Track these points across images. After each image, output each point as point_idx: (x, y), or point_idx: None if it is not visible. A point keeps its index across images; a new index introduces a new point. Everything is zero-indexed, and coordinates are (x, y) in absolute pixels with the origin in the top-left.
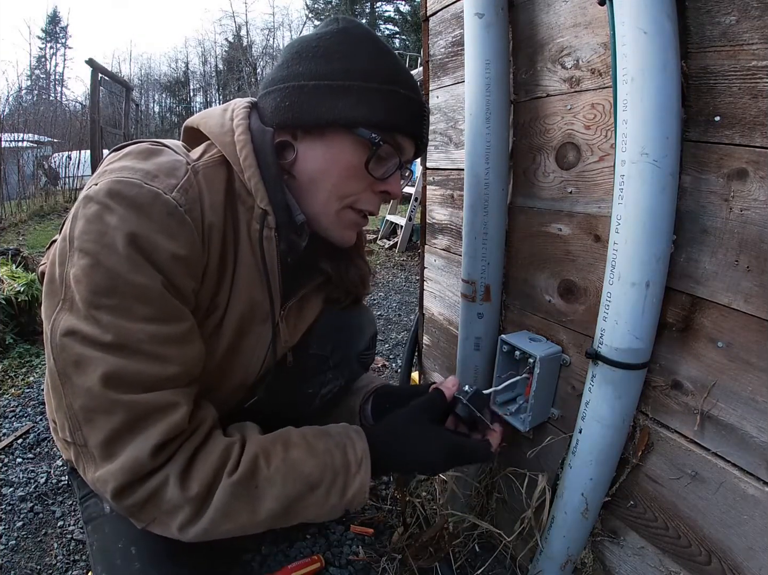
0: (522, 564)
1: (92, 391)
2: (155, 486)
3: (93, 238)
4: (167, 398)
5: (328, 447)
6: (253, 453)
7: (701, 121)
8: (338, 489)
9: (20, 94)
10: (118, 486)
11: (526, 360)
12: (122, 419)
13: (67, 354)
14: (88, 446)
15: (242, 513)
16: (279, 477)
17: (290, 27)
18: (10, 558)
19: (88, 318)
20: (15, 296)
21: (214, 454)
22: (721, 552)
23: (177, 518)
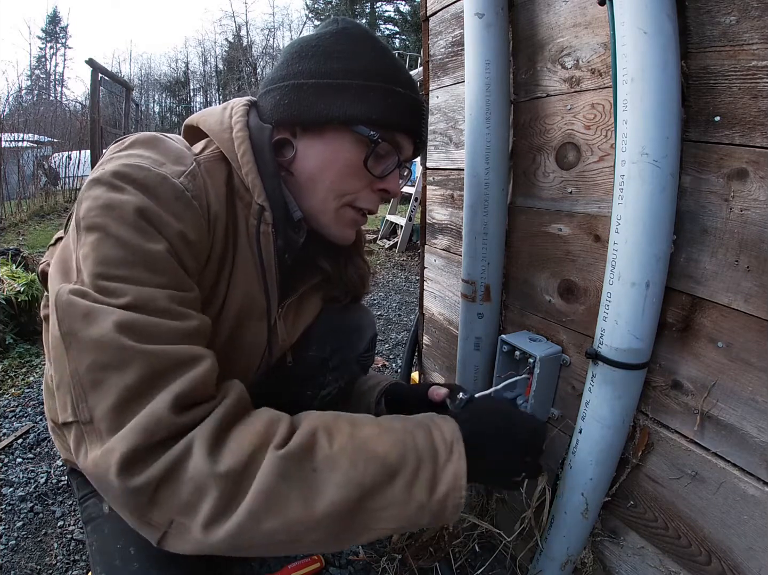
0: (522, 564)
1: (103, 341)
2: (176, 455)
3: (100, 212)
4: (190, 351)
5: (407, 427)
6: (312, 426)
7: (701, 121)
8: (425, 481)
9: (20, 94)
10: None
11: (526, 360)
12: (138, 373)
13: (75, 309)
14: (93, 419)
15: (293, 504)
16: (345, 457)
17: (290, 27)
18: (10, 558)
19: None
20: (15, 296)
21: (255, 424)
22: (721, 552)
23: (202, 508)
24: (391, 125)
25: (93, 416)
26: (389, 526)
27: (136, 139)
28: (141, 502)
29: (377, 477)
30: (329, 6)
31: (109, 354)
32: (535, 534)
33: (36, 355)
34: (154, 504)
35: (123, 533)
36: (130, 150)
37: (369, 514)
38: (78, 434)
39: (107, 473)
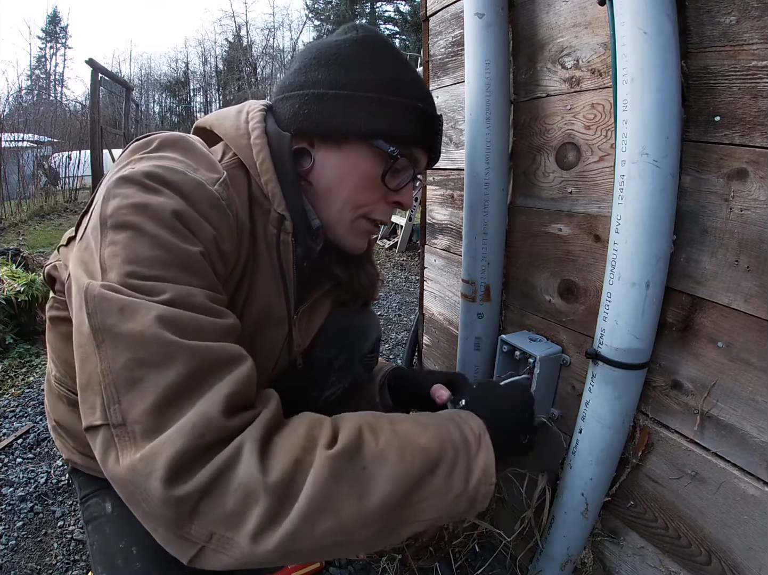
0: (522, 564)
1: (144, 336)
2: (227, 457)
3: (133, 211)
4: (232, 350)
5: (439, 422)
6: (356, 424)
7: (701, 121)
8: (461, 471)
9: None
10: (177, 455)
11: (526, 360)
12: (184, 371)
13: (109, 303)
14: (126, 421)
15: (347, 502)
16: (392, 452)
17: (290, 27)
18: (10, 558)
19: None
20: (15, 296)
21: (298, 427)
22: (721, 552)
23: (250, 517)
24: (410, 141)
25: (126, 418)
26: (430, 517)
27: (164, 140)
28: (182, 513)
29: (422, 469)
30: (329, 6)
31: (150, 350)
32: (535, 534)
33: (36, 355)
34: (195, 515)
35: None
36: (161, 152)
37: (414, 506)
38: (107, 438)
39: (148, 479)
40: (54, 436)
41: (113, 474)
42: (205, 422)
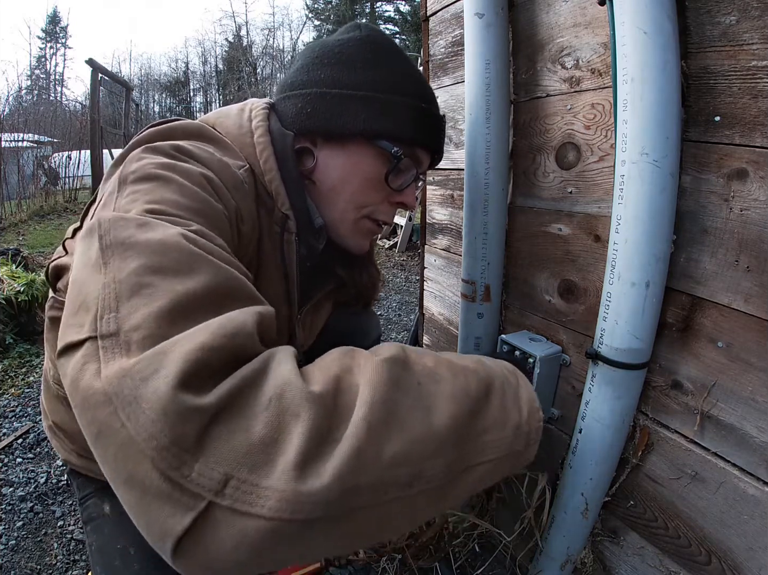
0: (522, 564)
1: (165, 243)
2: (254, 370)
3: (161, 166)
4: (255, 291)
5: (474, 357)
6: (396, 345)
7: (701, 121)
8: (512, 399)
9: (20, 94)
10: (198, 350)
11: (526, 360)
12: (206, 282)
13: (127, 221)
14: (120, 330)
15: (413, 415)
16: (443, 369)
17: (290, 27)
18: (10, 558)
19: (149, 224)
20: (15, 296)
21: (332, 354)
22: (721, 552)
23: (289, 443)
24: (413, 141)
25: (122, 325)
26: (494, 455)
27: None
28: (186, 436)
29: (478, 388)
30: (329, 6)
31: (170, 258)
32: (535, 534)
33: (36, 355)
34: (204, 444)
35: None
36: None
37: (478, 439)
38: (88, 352)
39: (148, 381)
40: (50, 436)
41: (86, 394)
42: (237, 324)
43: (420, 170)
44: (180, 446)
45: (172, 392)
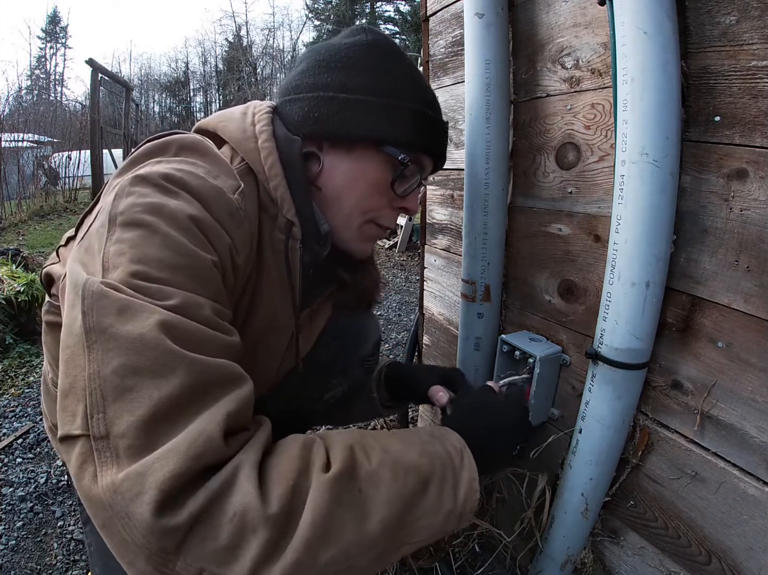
0: (522, 564)
1: (144, 340)
2: (221, 484)
3: (147, 209)
4: (234, 369)
5: (422, 439)
6: (347, 444)
7: (701, 121)
8: (450, 487)
9: (20, 94)
10: (172, 478)
11: (526, 360)
12: (183, 383)
13: (108, 301)
14: (110, 434)
15: (348, 527)
16: (386, 471)
17: (290, 27)
18: (10, 558)
19: (135, 288)
20: (15, 296)
21: (291, 450)
22: (721, 552)
23: (247, 552)
24: (419, 148)
25: (110, 430)
26: (423, 537)
27: (181, 145)
28: (168, 546)
29: (415, 487)
30: (329, 6)
31: (147, 357)
32: (535, 534)
33: (36, 355)
34: (184, 549)
35: None
36: (181, 156)
37: (409, 527)
38: (84, 451)
39: (133, 503)
40: (51, 437)
41: (89, 494)
42: (204, 441)
43: (423, 176)
44: (165, 552)
45: (153, 518)
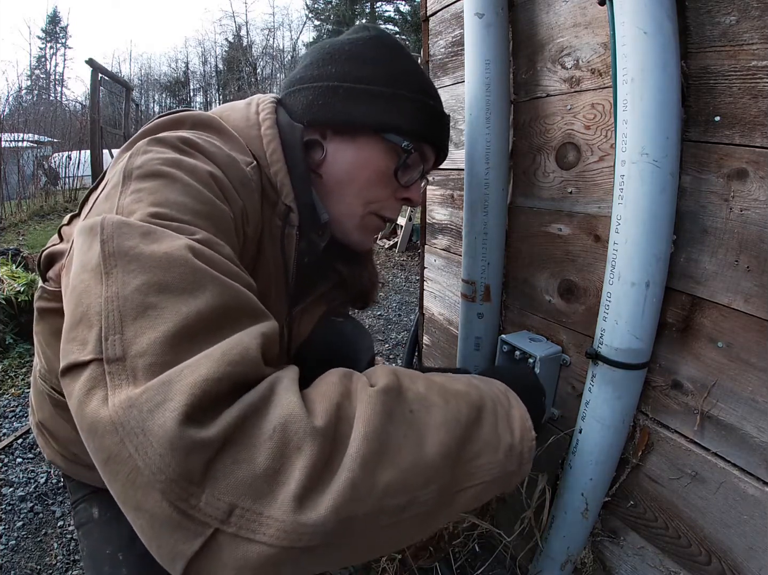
0: (522, 564)
1: (171, 257)
2: (259, 397)
3: (167, 162)
4: (261, 306)
5: (465, 379)
6: (390, 370)
7: (701, 121)
8: (503, 421)
9: (20, 94)
10: (203, 381)
11: (526, 360)
12: (212, 302)
13: (131, 228)
14: (127, 355)
15: (405, 446)
16: (435, 395)
17: (290, 27)
18: (10, 558)
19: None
20: (15, 296)
21: (332, 377)
22: (721, 552)
23: (291, 475)
24: (421, 137)
25: (128, 350)
26: (484, 478)
27: (196, 120)
28: (193, 470)
29: (469, 414)
30: (329, 6)
31: (175, 274)
32: (535, 534)
33: None
34: (210, 476)
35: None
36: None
37: (469, 463)
38: (95, 376)
39: (155, 413)
40: (36, 433)
41: (93, 418)
42: (240, 351)
43: (426, 167)
44: (188, 479)
45: (179, 428)
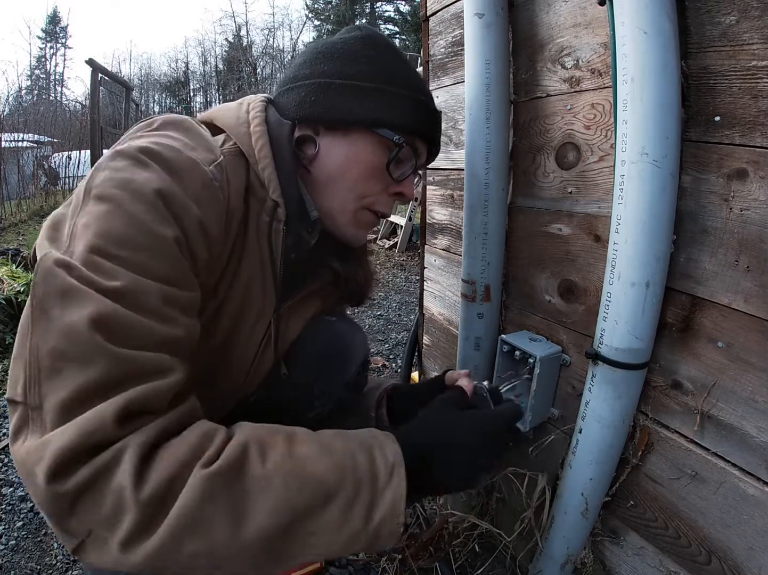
0: (522, 564)
1: (74, 331)
2: (105, 461)
3: (117, 184)
4: (162, 362)
5: (349, 447)
6: (243, 441)
7: (701, 121)
8: (362, 507)
9: (20, 94)
10: (62, 450)
11: (526, 360)
12: (100, 374)
13: (54, 282)
14: (42, 408)
15: (218, 527)
16: (278, 477)
17: (290, 27)
18: (10, 558)
19: (89, 264)
20: (15, 296)
21: (188, 438)
22: (721, 552)
23: (122, 525)
24: (413, 131)
25: (43, 403)
26: (317, 553)
27: (165, 120)
28: (62, 508)
29: (311, 501)
30: (329, 6)
31: (74, 346)
32: (535, 534)
33: None
34: (73, 512)
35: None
36: (162, 130)
37: (298, 541)
38: (22, 417)
39: (36, 467)
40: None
41: (14, 452)
42: (97, 422)
43: (419, 162)
44: (59, 513)
45: (45, 484)
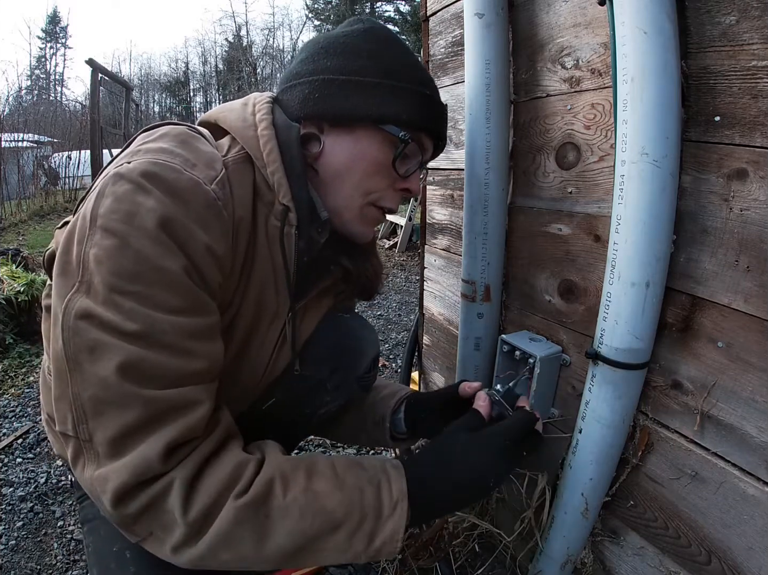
0: (522, 564)
1: (107, 382)
2: (158, 491)
3: (122, 217)
4: (188, 395)
5: (359, 483)
6: (269, 476)
7: (701, 121)
8: (364, 535)
9: (20, 94)
10: (120, 486)
11: (526, 361)
12: (137, 415)
13: (81, 339)
14: (93, 441)
15: (246, 544)
16: (296, 509)
17: (290, 27)
18: (10, 558)
19: (108, 303)
20: (15, 296)
21: (224, 469)
22: (721, 552)
23: (173, 535)
24: (419, 127)
25: (93, 439)
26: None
27: (167, 132)
28: (126, 523)
29: (322, 528)
30: (329, 6)
31: (110, 393)
32: (535, 534)
33: (36, 355)
34: (136, 523)
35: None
36: (161, 143)
37: (310, 553)
38: (77, 448)
39: (101, 496)
40: (47, 429)
41: (80, 478)
42: (146, 463)
43: (424, 157)
44: (125, 524)
45: (111, 509)
